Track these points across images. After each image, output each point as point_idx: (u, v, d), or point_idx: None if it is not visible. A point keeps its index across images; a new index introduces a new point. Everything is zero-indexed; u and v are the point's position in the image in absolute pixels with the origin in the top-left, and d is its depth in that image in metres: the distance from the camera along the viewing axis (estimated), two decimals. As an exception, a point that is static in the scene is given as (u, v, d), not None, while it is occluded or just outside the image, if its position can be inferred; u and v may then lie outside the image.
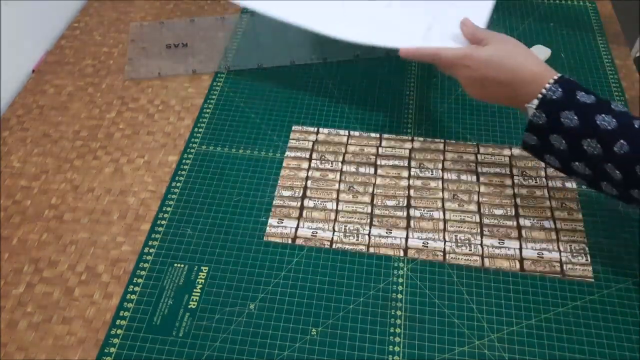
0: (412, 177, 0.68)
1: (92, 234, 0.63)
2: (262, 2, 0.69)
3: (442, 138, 0.72)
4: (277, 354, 0.54)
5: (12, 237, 0.63)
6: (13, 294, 0.58)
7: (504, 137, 0.72)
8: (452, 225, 0.63)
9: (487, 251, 0.61)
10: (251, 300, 0.58)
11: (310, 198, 0.66)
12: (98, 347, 0.54)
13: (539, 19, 0.89)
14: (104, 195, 0.67)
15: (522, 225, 0.63)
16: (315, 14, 0.67)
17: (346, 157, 0.70)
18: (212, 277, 0.59)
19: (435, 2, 0.68)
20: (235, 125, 0.74)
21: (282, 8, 0.67)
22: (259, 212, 0.65)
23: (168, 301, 0.58)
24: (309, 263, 0.60)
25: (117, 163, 0.70)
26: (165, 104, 0.77)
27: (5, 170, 0.69)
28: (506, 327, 0.56)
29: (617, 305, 0.57)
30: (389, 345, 0.54)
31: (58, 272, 0.60)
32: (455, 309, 0.57)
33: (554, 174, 0.68)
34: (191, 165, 0.69)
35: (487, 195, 0.66)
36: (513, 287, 0.58)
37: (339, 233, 0.63)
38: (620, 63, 0.81)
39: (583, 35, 0.86)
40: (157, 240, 0.62)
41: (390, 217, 0.64)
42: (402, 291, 0.58)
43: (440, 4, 0.67)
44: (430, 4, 0.68)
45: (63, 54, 0.84)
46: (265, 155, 0.71)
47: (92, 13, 0.91)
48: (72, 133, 0.74)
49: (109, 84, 0.80)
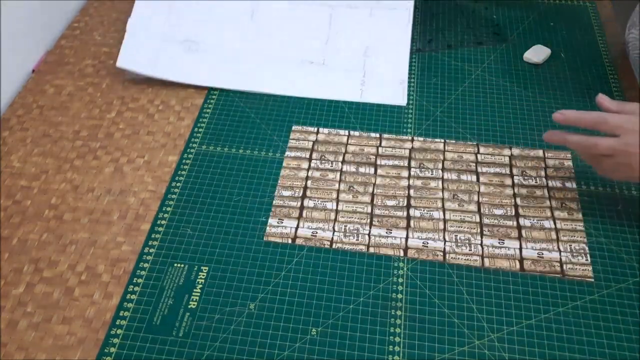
0: (412, 177, 0.68)
1: (92, 234, 0.63)
2: (225, 81, 0.79)
3: (442, 138, 0.72)
4: (277, 354, 0.54)
5: (12, 237, 0.63)
6: (13, 294, 0.58)
7: (504, 137, 0.72)
8: (452, 225, 0.63)
9: (487, 251, 0.61)
10: (251, 300, 0.58)
11: (310, 198, 0.66)
12: (98, 347, 0.54)
13: (539, 19, 0.89)
14: (104, 195, 0.67)
15: (522, 225, 0.63)
16: (268, 81, 0.79)
17: (346, 157, 0.70)
18: (212, 277, 0.59)
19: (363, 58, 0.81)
20: (235, 125, 0.74)
21: (240, 83, 0.78)
22: (259, 212, 0.65)
23: (168, 301, 0.58)
24: (309, 263, 0.60)
25: (117, 163, 0.70)
26: (165, 103, 0.77)
27: (5, 170, 0.69)
28: (506, 327, 0.56)
29: (617, 305, 0.57)
30: (389, 345, 0.54)
31: (58, 272, 0.60)
32: (455, 309, 0.57)
33: (554, 174, 0.68)
34: (191, 165, 0.69)
35: (487, 195, 0.66)
36: (513, 287, 0.58)
37: (339, 233, 0.63)
38: (620, 63, 0.81)
39: (583, 35, 0.86)
40: (157, 240, 0.62)
41: (390, 217, 0.64)
42: (402, 291, 0.58)
43: (368, 60, 0.81)
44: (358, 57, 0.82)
45: (63, 54, 0.84)
46: (265, 155, 0.71)
47: (92, 13, 0.91)
48: (72, 133, 0.74)
49: (109, 84, 0.80)
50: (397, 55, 0.82)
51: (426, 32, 0.87)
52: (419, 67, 0.81)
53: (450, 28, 0.87)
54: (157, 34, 0.82)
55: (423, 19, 0.89)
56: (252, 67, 0.80)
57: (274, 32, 0.84)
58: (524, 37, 0.85)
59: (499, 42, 0.85)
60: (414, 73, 0.80)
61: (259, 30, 0.84)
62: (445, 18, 0.89)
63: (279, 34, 0.84)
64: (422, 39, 0.86)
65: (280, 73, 0.80)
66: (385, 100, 0.76)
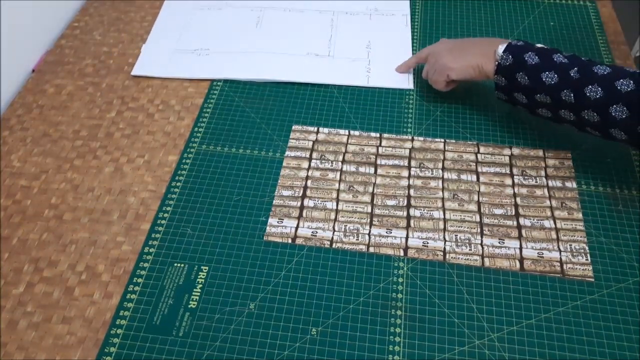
0: (412, 176, 0.68)
1: (92, 233, 0.63)
2: (232, 72, 0.81)
3: (442, 138, 0.72)
4: (277, 354, 0.54)
5: (12, 237, 0.63)
6: (13, 294, 0.58)
7: (504, 137, 0.72)
8: (452, 224, 0.63)
9: (487, 251, 0.61)
10: (251, 300, 0.58)
11: (310, 198, 0.66)
12: (98, 346, 0.54)
13: (539, 19, 0.89)
14: (104, 195, 0.67)
15: (522, 225, 0.63)
16: (275, 69, 0.81)
17: (346, 156, 0.70)
18: (212, 277, 0.59)
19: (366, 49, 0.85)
20: (235, 125, 0.74)
21: (247, 72, 0.81)
22: (259, 212, 0.65)
23: (168, 301, 0.58)
24: (309, 263, 0.60)
25: (117, 163, 0.70)
26: (165, 103, 0.77)
27: (5, 170, 0.69)
28: (506, 327, 0.56)
29: (617, 305, 0.57)
30: (389, 345, 0.54)
31: (58, 271, 0.60)
32: (455, 308, 0.57)
33: (554, 174, 0.68)
34: (191, 165, 0.69)
35: (487, 195, 0.66)
36: (513, 286, 0.58)
37: (339, 233, 0.63)
38: (620, 63, 0.81)
39: (583, 35, 0.86)
40: (157, 240, 0.62)
41: (390, 216, 0.64)
42: (402, 291, 0.58)
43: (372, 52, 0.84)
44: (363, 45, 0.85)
45: (63, 54, 0.84)
46: (265, 155, 0.71)
47: (92, 13, 0.91)
48: (72, 133, 0.74)
49: (109, 83, 0.80)
50: (399, 47, 0.84)
51: (426, 34, 0.87)
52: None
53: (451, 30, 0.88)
54: (170, 49, 0.85)
55: (423, 23, 0.89)
56: (260, 59, 0.83)
57: (280, 35, 0.87)
58: (524, 37, 0.85)
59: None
60: (415, 73, 0.80)
61: (265, 35, 0.87)
62: (446, 20, 0.89)
63: (284, 36, 0.87)
64: (423, 40, 0.86)
65: (288, 62, 0.82)
66: (392, 84, 0.79)
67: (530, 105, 0.67)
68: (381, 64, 0.82)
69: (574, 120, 0.63)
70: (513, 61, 0.65)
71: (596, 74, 0.60)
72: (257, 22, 0.89)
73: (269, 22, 0.89)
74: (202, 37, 0.86)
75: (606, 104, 0.59)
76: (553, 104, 0.64)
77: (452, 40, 0.75)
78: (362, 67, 0.82)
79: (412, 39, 0.86)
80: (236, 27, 0.88)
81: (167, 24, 0.89)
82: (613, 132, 0.60)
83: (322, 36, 0.87)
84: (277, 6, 0.92)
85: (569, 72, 0.62)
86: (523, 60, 0.64)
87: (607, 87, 0.59)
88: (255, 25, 0.88)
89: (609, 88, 0.58)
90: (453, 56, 0.71)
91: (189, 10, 0.91)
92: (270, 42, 0.85)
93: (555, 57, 0.64)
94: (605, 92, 0.59)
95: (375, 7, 0.92)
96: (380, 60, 0.82)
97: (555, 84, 0.62)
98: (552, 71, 0.63)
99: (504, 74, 0.66)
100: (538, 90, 0.64)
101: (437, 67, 0.72)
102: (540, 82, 0.63)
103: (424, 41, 0.85)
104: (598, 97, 0.59)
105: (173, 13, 0.91)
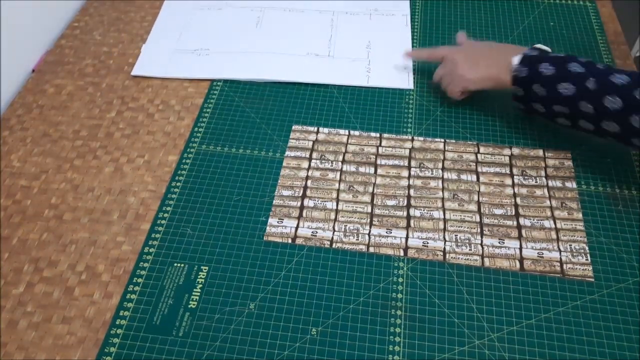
0: (412, 176, 0.68)
1: (92, 233, 0.63)
2: (231, 72, 0.81)
3: (442, 138, 0.72)
4: (277, 354, 0.54)
5: (12, 237, 0.63)
6: (13, 294, 0.58)
7: (504, 137, 0.72)
8: (452, 224, 0.63)
9: (487, 251, 0.61)
10: (251, 300, 0.58)
11: (310, 198, 0.66)
12: (98, 346, 0.54)
13: (539, 19, 0.89)
14: (104, 195, 0.67)
15: (522, 225, 0.63)
16: (275, 69, 0.81)
17: (346, 156, 0.70)
18: (212, 277, 0.59)
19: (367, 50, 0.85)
20: (235, 125, 0.74)
21: (248, 72, 0.81)
22: (259, 212, 0.65)
23: (168, 301, 0.58)
24: (309, 263, 0.60)
25: (117, 163, 0.70)
26: (165, 103, 0.77)
27: (5, 170, 0.69)
28: (506, 327, 0.56)
29: (617, 305, 0.57)
30: (389, 345, 0.54)
31: (58, 271, 0.60)
32: (455, 308, 0.57)
33: (554, 174, 0.68)
34: (191, 165, 0.69)
35: (487, 195, 0.66)
36: (513, 286, 0.58)
37: (339, 233, 0.63)
38: (620, 63, 0.81)
39: (583, 35, 0.86)
40: (157, 240, 0.62)
41: (390, 216, 0.64)
42: (402, 291, 0.58)
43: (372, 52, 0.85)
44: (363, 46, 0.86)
45: (63, 54, 0.84)
46: (265, 155, 0.71)
47: (92, 13, 0.91)
48: (72, 133, 0.74)
49: (109, 83, 0.80)
50: (399, 47, 0.84)
51: (426, 34, 0.87)
52: (419, 67, 0.81)
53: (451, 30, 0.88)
54: (170, 49, 0.85)
55: (423, 23, 0.89)
56: (260, 59, 0.83)
57: (280, 35, 0.87)
58: (524, 37, 0.85)
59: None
60: (415, 73, 0.80)
61: (265, 35, 0.87)
62: (446, 20, 0.89)
63: (284, 36, 0.87)
64: (423, 40, 0.86)
65: (288, 63, 0.82)
66: (391, 84, 0.79)
67: (549, 115, 0.67)
68: (381, 64, 0.82)
69: (594, 130, 0.62)
70: (528, 72, 0.65)
71: (614, 84, 0.59)
72: (257, 22, 0.89)
73: (269, 22, 0.89)
74: (202, 37, 0.86)
75: (627, 114, 0.58)
76: (571, 115, 0.63)
77: (470, 44, 0.74)
78: (362, 67, 0.82)
79: (412, 39, 0.86)
80: (236, 27, 0.88)
81: (167, 24, 0.89)
82: (634, 140, 0.59)
83: (322, 36, 0.87)
84: (277, 6, 0.92)
85: (585, 82, 0.61)
86: (538, 71, 0.64)
87: (626, 97, 0.58)
88: (255, 26, 0.89)
89: (628, 98, 0.58)
90: (469, 66, 0.70)
91: (189, 10, 0.91)
92: (270, 42, 0.85)
93: (570, 66, 0.63)
94: (624, 102, 0.58)
95: (375, 7, 0.92)
96: (380, 60, 0.82)
97: (572, 95, 0.62)
98: (568, 82, 0.62)
99: (520, 85, 0.66)
100: (555, 101, 0.64)
101: (454, 78, 0.71)
102: (557, 93, 0.63)
103: (424, 41, 0.86)
104: (617, 107, 0.58)
105: (173, 13, 0.91)
